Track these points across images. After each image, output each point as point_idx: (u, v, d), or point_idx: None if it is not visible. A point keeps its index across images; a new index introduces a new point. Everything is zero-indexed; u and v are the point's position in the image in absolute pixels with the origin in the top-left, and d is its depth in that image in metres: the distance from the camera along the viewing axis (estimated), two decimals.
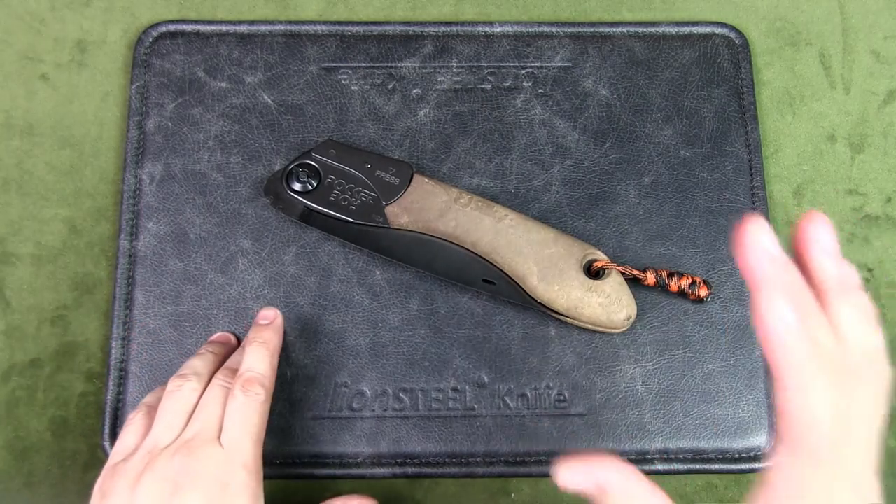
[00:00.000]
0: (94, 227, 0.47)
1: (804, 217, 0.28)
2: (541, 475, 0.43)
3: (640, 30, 0.50)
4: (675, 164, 0.48)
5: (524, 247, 0.43)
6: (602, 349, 0.44)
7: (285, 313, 0.44)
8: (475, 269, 0.43)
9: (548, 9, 0.52)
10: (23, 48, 0.50)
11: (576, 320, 0.43)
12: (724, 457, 0.43)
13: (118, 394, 0.44)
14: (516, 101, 0.49)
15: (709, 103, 0.49)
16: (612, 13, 0.51)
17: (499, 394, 0.44)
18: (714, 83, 0.49)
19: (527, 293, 0.43)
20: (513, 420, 0.43)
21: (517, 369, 0.44)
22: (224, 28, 0.49)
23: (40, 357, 0.45)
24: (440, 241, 0.43)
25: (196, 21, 0.49)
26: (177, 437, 0.37)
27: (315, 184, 0.44)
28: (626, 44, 0.50)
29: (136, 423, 0.39)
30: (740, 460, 0.43)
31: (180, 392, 0.38)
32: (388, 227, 0.43)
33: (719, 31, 0.50)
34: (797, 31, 0.52)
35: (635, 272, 0.44)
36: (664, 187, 0.47)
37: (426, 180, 0.44)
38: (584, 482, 0.29)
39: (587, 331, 0.44)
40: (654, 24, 0.50)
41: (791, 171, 0.49)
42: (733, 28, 0.50)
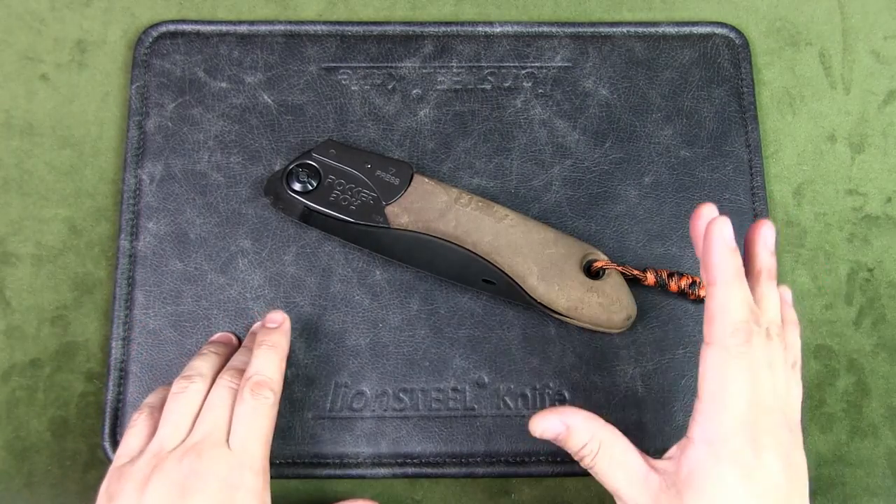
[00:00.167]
0: (94, 227, 0.47)
1: (757, 222, 0.36)
2: (541, 475, 0.43)
3: (640, 30, 0.50)
4: (675, 164, 0.48)
5: (524, 247, 0.43)
6: (602, 349, 0.44)
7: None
8: (475, 269, 0.43)
9: (548, 9, 0.52)
10: (23, 48, 0.50)
11: (576, 320, 0.43)
12: None
13: (118, 394, 0.44)
14: (516, 101, 0.49)
15: (709, 103, 0.49)
16: (612, 13, 0.51)
17: (499, 394, 0.44)
18: (714, 83, 0.49)
19: (527, 293, 0.43)
20: (513, 420, 0.43)
21: (517, 369, 0.44)
22: (224, 28, 0.49)
23: (40, 357, 0.45)
24: (440, 241, 0.43)
25: (196, 21, 0.49)
26: (183, 440, 0.37)
27: (315, 184, 0.44)
28: (626, 44, 0.50)
29: (139, 424, 0.38)
30: None
31: (185, 394, 0.38)
32: (388, 227, 0.43)
33: (719, 31, 0.50)
34: (797, 31, 0.52)
35: (635, 272, 0.44)
36: (664, 187, 0.47)
37: (426, 180, 0.44)
38: (554, 427, 0.36)
39: (587, 331, 0.44)
40: (654, 24, 0.50)
41: (791, 171, 0.49)
42: (733, 28, 0.50)
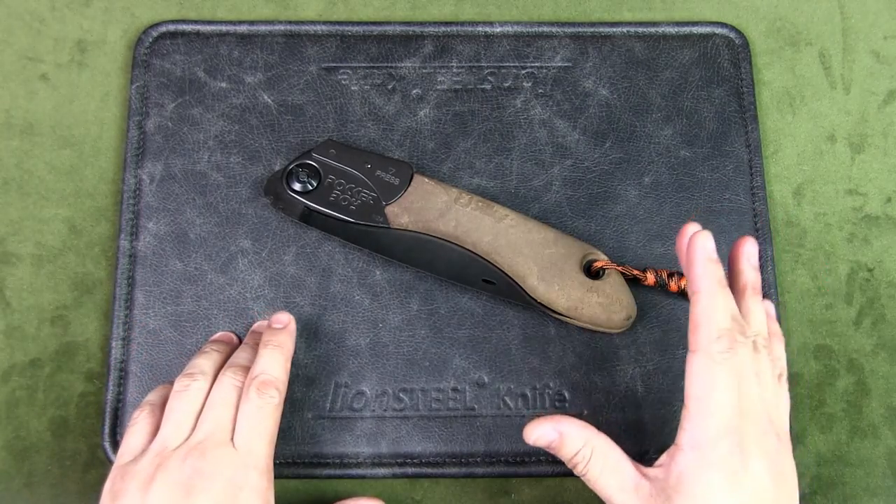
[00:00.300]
0: (94, 227, 0.47)
1: (740, 239, 0.37)
2: (541, 475, 0.43)
3: (640, 30, 0.50)
4: (675, 164, 0.48)
5: (524, 247, 0.43)
6: (602, 349, 0.44)
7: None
8: (475, 269, 0.43)
9: (548, 9, 0.52)
10: (23, 48, 0.50)
11: (576, 320, 0.43)
12: None
13: (118, 394, 0.44)
14: (516, 101, 0.49)
15: (709, 103, 0.49)
16: (612, 13, 0.51)
17: (499, 394, 0.44)
18: (714, 83, 0.49)
19: (527, 293, 0.43)
20: (513, 420, 0.43)
21: (517, 369, 0.44)
22: (224, 28, 0.49)
23: (40, 357, 0.45)
24: (440, 241, 0.43)
25: (196, 21, 0.49)
26: (187, 438, 0.37)
27: (315, 184, 0.44)
28: (626, 44, 0.50)
29: (140, 422, 0.38)
30: None
31: (187, 392, 0.38)
32: (388, 228, 0.43)
33: (719, 31, 0.50)
34: (797, 31, 0.52)
35: (635, 272, 0.44)
36: (664, 187, 0.47)
37: (426, 180, 0.44)
38: (547, 434, 0.37)
39: (587, 331, 0.44)
40: (654, 24, 0.50)
41: (791, 171, 0.49)
42: (733, 28, 0.50)
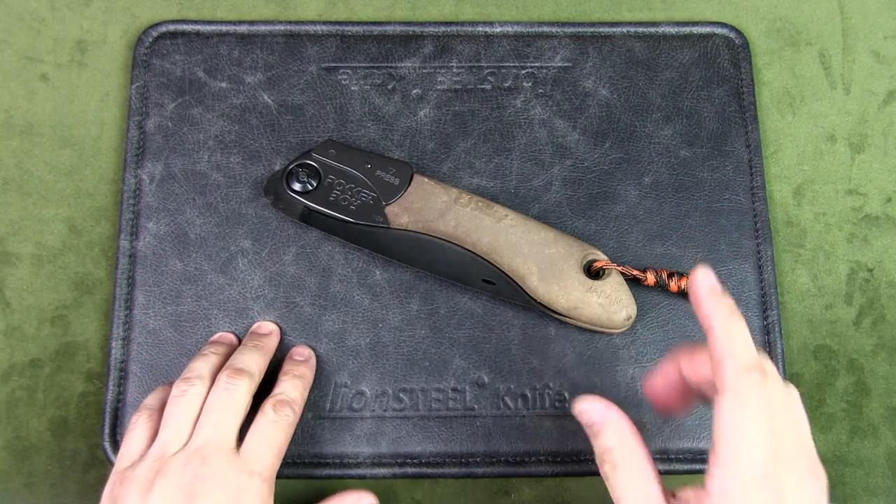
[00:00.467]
0: (94, 227, 0.47)
1: (692, 273, 0.34)
2: (541, 475, 0.43)
3: (640, 30, 0.50)
4: (675, 164, 0.48)
5: (524, 247, 0.43)
6: (602, 349, 0.44)
7: (285, 313, 0.44)
8: (475, 269, 0.43)
9: (548, 9, 0.52)
10: (23, 48, 0.50)
11: (576, 320, 0.43)
12: None
13: (118, 394, 0.44)
14: (516, 101, 0.49)
15: (709, 103, 0.49)
16: (612, 13, 0.51)
17: (499, 394, 0.44)
18: (714, 83, 0.49)
19: (527, 293, 0.43)
20: (513, 420, 0.43)
21: (517, 369, 0.44)
22: (224, 28, 0.49)
23: (40, 357, 0.45)
24: (440, 241, 0.43)
25: (196, 21, 0.49)
26: (186, 443, 0.37)
27: (315, 184, 0.44)
28: (626, 44, 0.50)
29: (139, 427, 0.38)
30: None
31: (185, 397, 0.38)
32: (388, 228, 0.43)
33: (719, 31, 0.50)
34: (797, 31, 0.52)
35: (635, 272, 0.44)
36: (664, 187, 0.47)
37: (426, 180, 0.44)
38: (595, 413, 0.35)
39: (587, 331, 0.44)
40: (654, 24, 0.50)
41: (791, 171, 0.49)
42: (733, 28, 0.50)
